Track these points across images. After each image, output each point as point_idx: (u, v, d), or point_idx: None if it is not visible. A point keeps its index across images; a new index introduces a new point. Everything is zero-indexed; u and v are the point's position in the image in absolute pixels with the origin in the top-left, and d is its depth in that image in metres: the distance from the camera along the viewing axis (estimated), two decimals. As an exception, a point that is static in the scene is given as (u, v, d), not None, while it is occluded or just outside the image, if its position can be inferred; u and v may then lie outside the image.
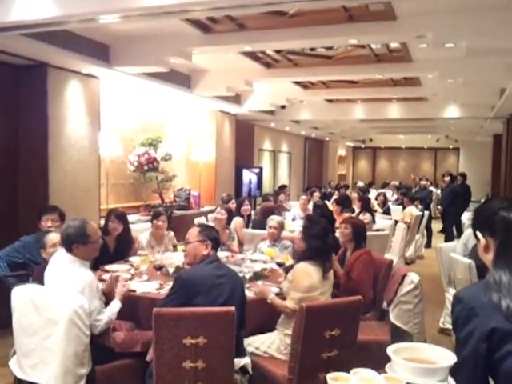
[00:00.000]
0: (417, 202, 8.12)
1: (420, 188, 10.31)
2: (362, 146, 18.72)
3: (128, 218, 4.16)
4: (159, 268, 3.45)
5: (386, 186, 13.71)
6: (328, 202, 7.09)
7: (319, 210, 5.16)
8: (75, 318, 2.36)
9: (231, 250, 4.42)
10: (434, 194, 11.40)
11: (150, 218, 4.36)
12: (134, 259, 3.81)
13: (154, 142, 6.32)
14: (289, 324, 2.63)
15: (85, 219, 2.80)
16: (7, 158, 4.79)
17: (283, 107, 9.03)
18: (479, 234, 1.31)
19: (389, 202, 8.81)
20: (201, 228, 2.75)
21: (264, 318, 2.86)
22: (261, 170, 10.56)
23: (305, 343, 2.34)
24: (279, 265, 3.66)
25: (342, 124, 11.65)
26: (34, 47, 4.14)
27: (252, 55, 5.71)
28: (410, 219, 7.20)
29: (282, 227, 4.37)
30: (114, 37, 4.82)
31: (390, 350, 1.75)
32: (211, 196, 8.08)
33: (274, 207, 5.72)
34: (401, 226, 6.43)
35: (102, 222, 4.07)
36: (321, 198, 8.01)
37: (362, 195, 7.00)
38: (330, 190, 12.22)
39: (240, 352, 2.52)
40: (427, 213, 8.42)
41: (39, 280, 2.72)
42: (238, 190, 9.21)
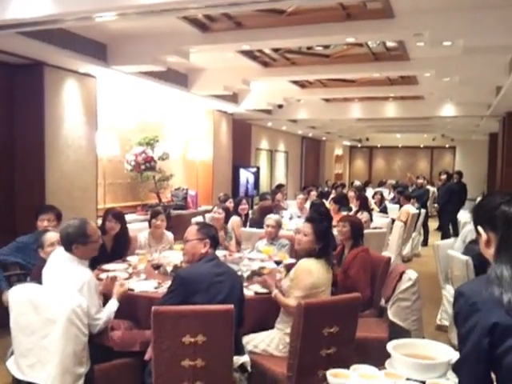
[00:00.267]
0: (413, 200, 8.15)
1: (417, 186, 10.34)
2: (359, 145, 18.75)
3: (125, 218, 4.15)
4: (157, 267, 3.44)
5: (382, 184, 13.73)
6: (325, 201, 7.10)
7: (316, 208, 5.16)
8: (73, 317, 2.34)
9: (228, 249, 4.42)
10: (431, 192, 11.44)
11: (149, 217, 4.35)
12: (131, 258, 3.80)
13: (151, 141, 6.31)
14: (288, 322, 2.63)
15: (85, 219, 2.78)
16: (3, 157, 4.77)
17: (280, 106, 9.02)
18: (481, 229, 1.30)
19: (385, 201, 8.82)
20: (199, 226, 2.74)
21: (262, 316, 2.86)
22: (258, 169, 10.55)
23: (304, 340, 2.34)
24: (277, 263, 3.66)
25: (339, 123, 11.66)
26: (30, 46, 4.12)
27: (249, 54, 5.71)
28: (407, 217, 7.22)
29: (279, 226, 4.38)
30: (111, 35, 4.81)
31: (389, 346, 1.76)
32: (208, 195, 8.07)
33: (271, 206, 5.72)
34: (398, 224, 6.45)
35: (99, 221, 4.05)
36: (318, 196, 8.01)
37: (360, 194, 7.01)
38: (327, 189, 12.23)
39: (239, 350, 2.52)
40: (424, 211, 8.44)
41: (37, 279, 2.70)
42: (235, 189, 9.20)
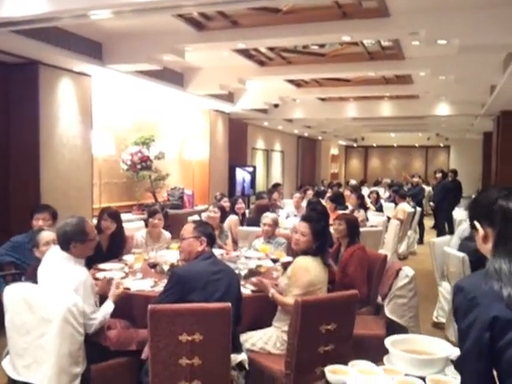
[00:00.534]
0: (409, 198, 8.18)
1: (412, 185, 10.40)
2: (354, 144, 18.81)
3: (121, 217, 4.13)
4: (153, 266, 3.43)
5: (378, 183, 13.78)
6: (322, 200, 7.09)
7: (313, 206, 5.16)
8: (69, 317, 2.32)
9: (223, 248, 4.42)
10: (426, 191, 11.50)
11: (146, 216, 4.33)
12: (127, 258, 3.78)
13: (147, 140, 6.29)
14: (285, 320, 2.63)
15: (82, 217, 2.76)
16: (-2, 156, 4.75)
17: (276, 106, 9.03)
18: (478, 225, 1.29)
19: (381, 200, 8.85)
20: (196, 224, 2.73)
21: (260, 314, 2.85)
22: (254, 168, 10.56)
23: (301, 338, 2.33)
24: (274, 261, 3.66)
25: (335, 122, 11.68)
26: (25, 45, 4.10)
27: (245, 53, 5.70)
28: (403, 216, 7.24)
29: (276, 224, 4.37)
30: (106, 34, 4.79)
31: (387, 342, 1.76)
32: (205, 195, 8.06)
33: (268, 205, 5.72)
34: (394, 222, 6.47)
35: (95, 221, 4.03)
36: (314, 196, 8.02)
37: (358, 193, 7.02)
38: (323, 188, 12.24)
39: (236, 348, 2.51)
40: (419, 209, 8.48)
41: (32, 279, 2.68)
42: (232, 188, 9.20)
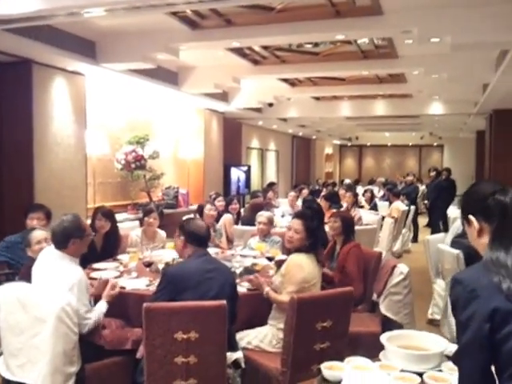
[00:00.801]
0: (403, 197, 8.22)
1: (406, 184, 10.48)
2: (349, 144, 18.86)
3: (115, 216, 4.11)
4: (148, 265, 3.42)
5: (372, 182, 13.83)
6: (316, 199, 7.10)
7: (309, 204, 5.17)
8: (63, 316, 2.31)
9: (219, 246, 4.41)
10: (420, 189, 11.56)
11: (142, 215, 4.31)
12: (122, 257, 3.76)
13: (142, 140, 6.26)
14: (280, 318, 2.63)
15: (75, 213, 2.77)
16: (-9, 156, 4.71)
17: (270, 105, 9.03)
18: (473, 218, 1.28)
19: (375, 199, 8.89)
20: (181, 223, 2.76)
21: (255, 313, 2.85)
22: (249, 168, 10.55)
23: (297, 335, 2.33)
24: (269, 259, 3.66)
25: (329, 122, 11.71)
26: (18, 43, 4.07)
27: (239, 52, 5.70)
28: (397, 214, 7.26)
29: (271, 223, 4.37)
30: (100, 33, 4.77)
31: (383, 338, 1.77)
32: (200, 194, 8.04)
33: (263, 204, 5.71)
34: (388, 220, 6.49)
35: (89, 221, 4.00)
36: (309, 194, 8.03)
37: (353, 191, 7.03)
38: (317, 187, 12.27)
39: (232, 346, 2.51)
40: (413, 208, 8.53)
41: (26, 278, 2.66)
42: (227, 187, 9.20)
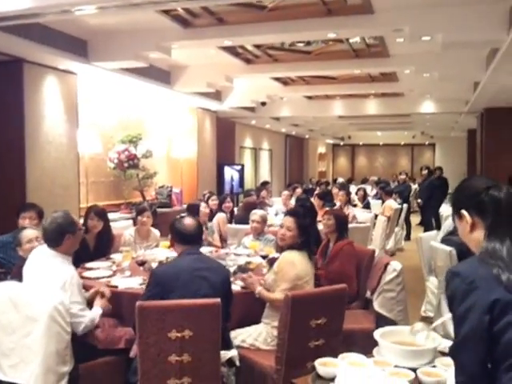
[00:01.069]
0: (395, 195, 8.26)
1: (399, 183, 10.54)
2: (341, 143, 18.94)
3: (108, 215, 4.08)
4: (142, 264, 3.40)
5: (365, 181, 13.89)
6: (310, 198, 7.11)
7: (302, 202, 5.18)
8: (56, 315, 2.29)
9: (213, 244, 4.42)
10: (413, 188, 11.64)
11: (135, 214, 4.29)
12: (115, 256, 3.74)
13: (134, 139, 6.24)
14: (274, 316, 2.63)
15: (65, 210, 2.77)
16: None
17: (263, 104, 9.04)
18: (466, 213, 1.28)
19: (368, 197, 8.93)
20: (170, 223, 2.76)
21: (250, 311, 2.85)
22: (242, 167, 10.55)
23: (291, 332, 2.33)
24: (263, 258, 3.65)
25: (322, 121, 11.75)
26: (8, 42, 4.03)
27: (232, 50, 5.70)
28: (390, 213, 7.29)
29: (264, 221, 4.36)
30: (92, 31, 4.74)
31: (377, 335, 1.77)
32: (193, 193, 8.03)
33: (256, 202, 5.72)
34: (381, 218, 6.52)
35: (82, 220, 3.98)
36: (303, 193, 8.05)
37: (347, 191, 7.05)
38: (311, 186, 12.30)
39: (227, 344, 2.50)
40: (406, 206, 8.57)
41: (18, 278, 2.64)
42: (220, 187, 9.19)
